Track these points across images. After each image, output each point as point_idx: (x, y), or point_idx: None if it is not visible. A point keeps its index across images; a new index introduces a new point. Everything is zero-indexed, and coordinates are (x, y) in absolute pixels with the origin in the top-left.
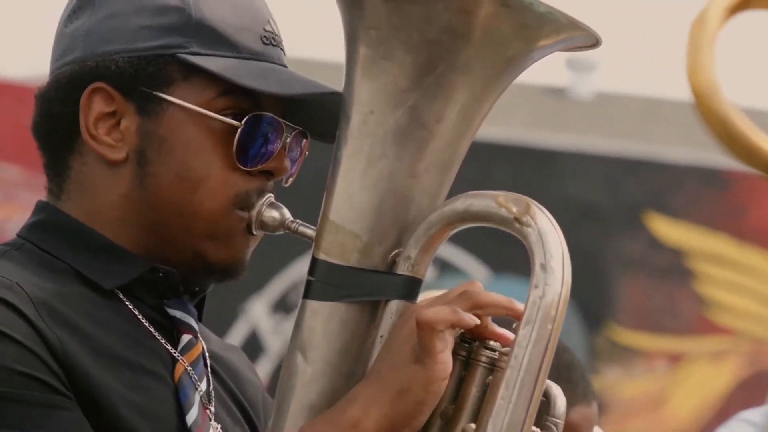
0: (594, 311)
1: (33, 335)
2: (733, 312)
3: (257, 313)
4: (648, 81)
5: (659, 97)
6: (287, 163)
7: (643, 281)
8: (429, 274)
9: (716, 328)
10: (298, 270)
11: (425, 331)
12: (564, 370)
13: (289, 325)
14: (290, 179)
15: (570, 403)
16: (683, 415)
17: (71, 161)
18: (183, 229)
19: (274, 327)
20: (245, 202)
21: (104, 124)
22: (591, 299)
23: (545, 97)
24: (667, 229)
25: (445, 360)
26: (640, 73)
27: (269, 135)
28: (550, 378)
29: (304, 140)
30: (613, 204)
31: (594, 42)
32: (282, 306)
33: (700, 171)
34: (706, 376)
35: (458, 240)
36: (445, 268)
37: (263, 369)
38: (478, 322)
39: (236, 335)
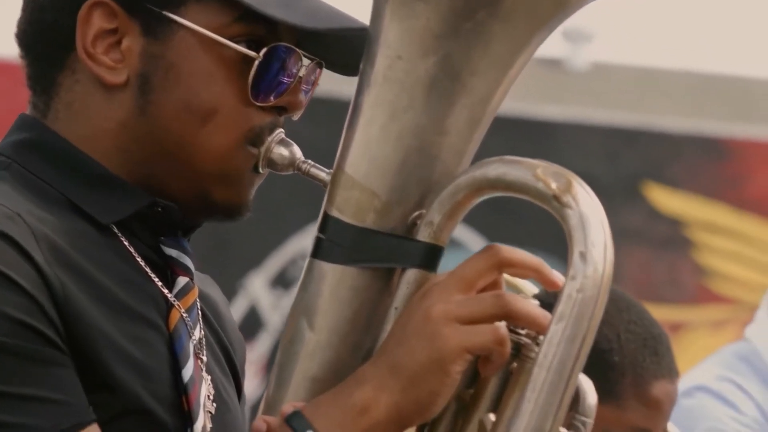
0: None
1: (35, 278)
2: (733, 281)
3: (256, 288)
4: (645, 51)
5: (657, 67)
6: (302, 97)
7: (643, 252)
8: None
9: (716, 297)
10: (297, 245)
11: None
12: (651, 341)
13: (288, 300)
14: (300, 113)
15: (654, 377)
16: (685, 384)
17: (60, 78)
18: (188, 166)
19: (273, 302)
20: (258, 138)
21: (103, 42)
22: None
23: (542, 69)
24: (666, 200)
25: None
26: (637, 43)
27: (285, 67)
28: (635, 347)
29: (318, 71)
30: (612, 175)
31: None
32: (281, 281)
33: (699, 140)
34: (707, 345)
35: None
36: None
37: (264, 344)
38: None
39: (235, 311)
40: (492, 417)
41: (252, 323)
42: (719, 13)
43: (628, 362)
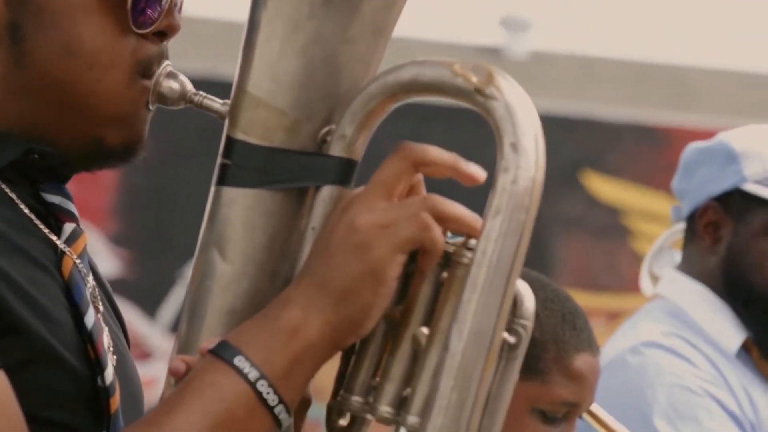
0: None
1: None
2: None
3: None
4: (583, 40)
5: (595, 56)
6: (178, 17)
7: (581, 240)
8: None
9: None
10: None
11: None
12: (569, 315)
13: None
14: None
15: (576, 350)
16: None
17: None
18: (78, 113)
19: None
20: (148, 70)
21: None
22: (529, 259)
23: (479, 57)
24: (604, 188)
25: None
26: (575, 32)
27: None
28: (554, 323)
29: None
30: (550, 163)
31: None
32: None
33: (637, 129)
34: None
35: None
36: None
37: None
38: (441, 251)
39: (175, 300)
40: (425, 330)
41: None
42: (657, 2)
43: (549, 337)
